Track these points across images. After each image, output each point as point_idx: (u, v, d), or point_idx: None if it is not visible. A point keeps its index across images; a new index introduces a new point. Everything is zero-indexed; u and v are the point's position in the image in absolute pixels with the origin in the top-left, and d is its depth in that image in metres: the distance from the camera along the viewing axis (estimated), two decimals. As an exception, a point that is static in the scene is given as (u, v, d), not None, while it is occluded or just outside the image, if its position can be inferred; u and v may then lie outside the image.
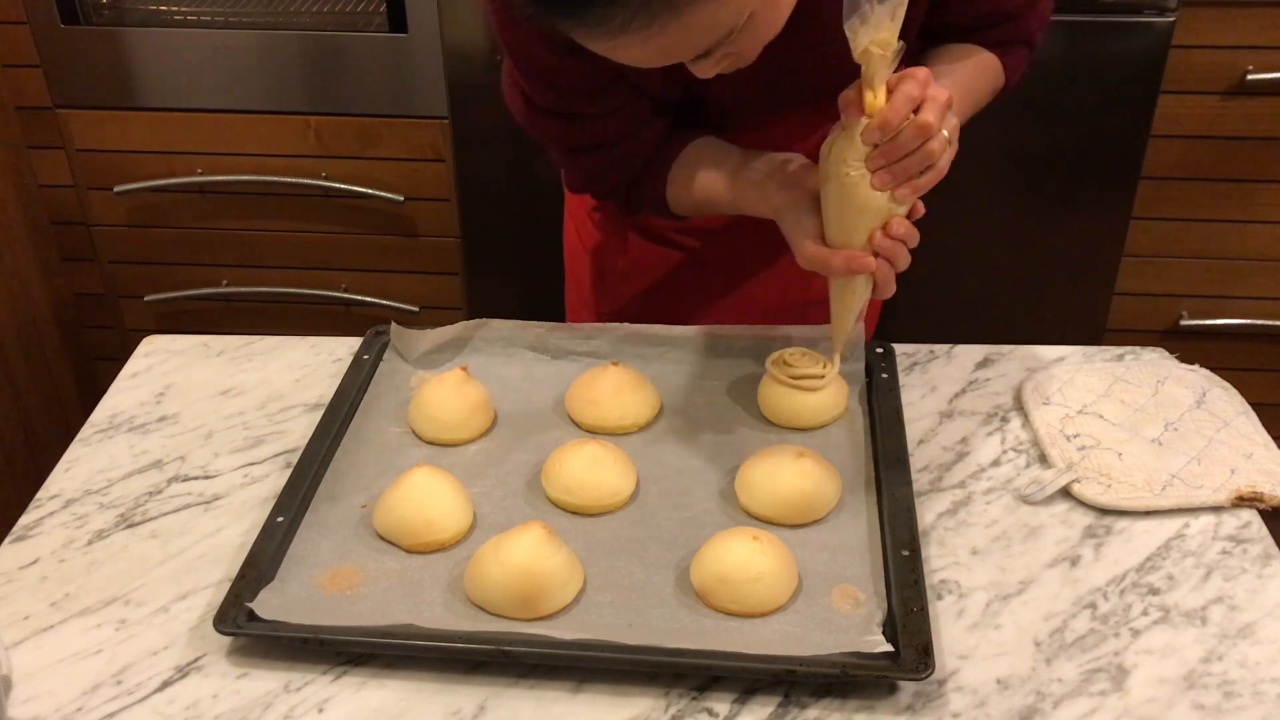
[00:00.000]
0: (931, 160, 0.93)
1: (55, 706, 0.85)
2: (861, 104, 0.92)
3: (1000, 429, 1.10)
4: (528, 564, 0.87)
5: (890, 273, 0.98)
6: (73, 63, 2.04)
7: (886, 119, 0.91)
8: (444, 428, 1.07)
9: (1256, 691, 0.83)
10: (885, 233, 0.96)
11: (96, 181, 2.15)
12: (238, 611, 0.88)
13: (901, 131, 0.91)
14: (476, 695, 0.85)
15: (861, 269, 0.97)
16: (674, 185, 1.14)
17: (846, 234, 0.97)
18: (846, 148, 0.94)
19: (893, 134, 0.91)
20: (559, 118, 1.11)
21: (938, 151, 0.93)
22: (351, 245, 2.17)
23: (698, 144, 1.13)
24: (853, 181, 0.94)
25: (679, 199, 1.14)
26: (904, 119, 0.91)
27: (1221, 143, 1.94)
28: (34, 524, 1.02)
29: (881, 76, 0.91)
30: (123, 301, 2.29)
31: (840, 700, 0.83)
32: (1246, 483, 1.00)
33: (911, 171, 0.93)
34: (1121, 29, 1.81)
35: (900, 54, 0.91)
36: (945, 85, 0.97)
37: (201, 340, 1.25)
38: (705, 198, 1.12)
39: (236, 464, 1.08)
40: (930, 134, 0.92)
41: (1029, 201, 1.99)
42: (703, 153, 1.12)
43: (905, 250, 0.98)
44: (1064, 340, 1.23)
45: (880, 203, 0.95)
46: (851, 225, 0.97)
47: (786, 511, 0.97)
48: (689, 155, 1.13)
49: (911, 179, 0.94)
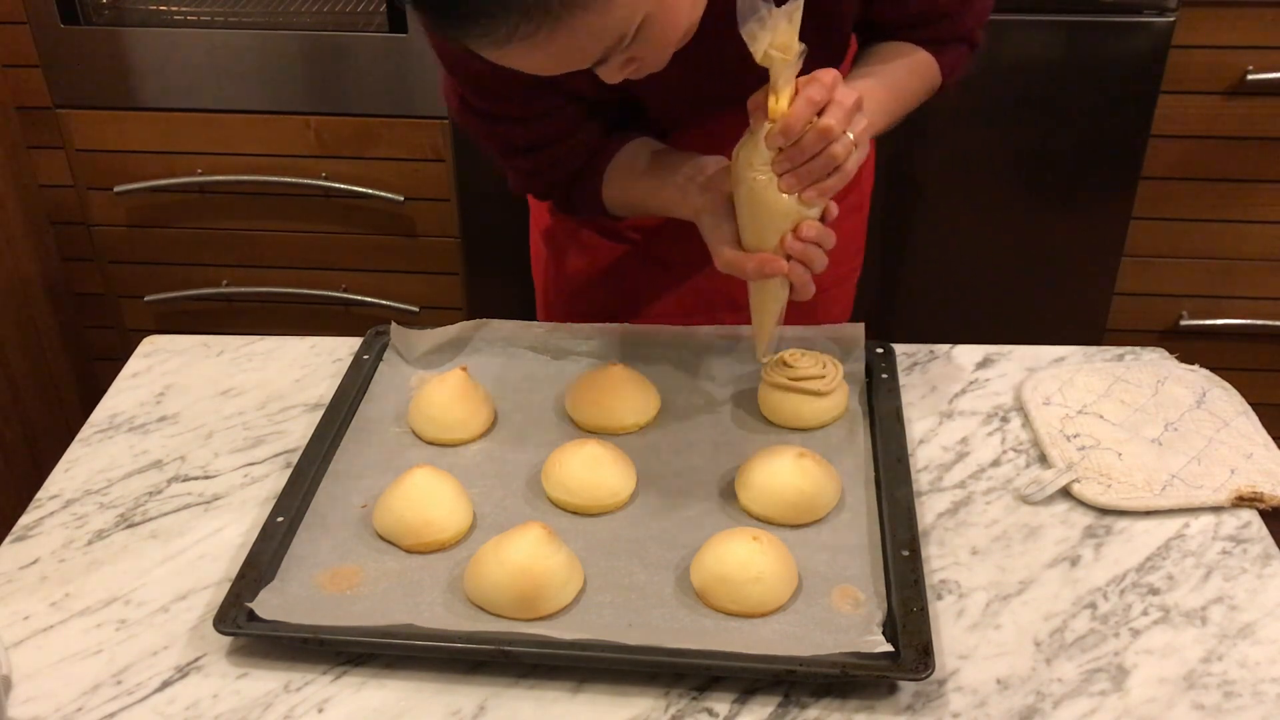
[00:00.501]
0: (836, 163, 0.94)
1: (55, 706, 0.85)
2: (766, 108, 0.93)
3: (1000, 429, 1.10)
4: (528, 564, 0.87)
5: (805, 275, 0.99)
6: (73, 63, 2.04)
7: (788, 124, 0.92)
8: (444, 428, 1.07)
9: (1256, 691, 0.83)
10: (796, 235, 0.97)
11: (96, 181, 2.15)
12: (238, 611, 0.88)
13: (804, 136, 0.92)
14: (476, 695, 0.85)
15: (774, 272, 0.98)
16: (609, 186, 1.15)
17: (759, 238, 0.98)
18: (753, 152, 0.95)
19: (795, 138, 0.92)
20: (493, 120, 1.12)
21: (841, 154, 0.94)
22: (351, 245, 2.17)
23: (632, 145, 1.14)
24: (760, 185, 0.95)
25: (613, 200, 1.16)
26: (806, 123, 0.92)
27: (1221, 143, 1.94)
28: (34, 524, 1.02)
29: (785, 79, 0.92)
30: (123, 301, 2.29)
31: (840, 700, 0.83)
32: (1246, 483, 1.00)
33: (816, 175, 0.94)
34: (1121, 29, 1.81)
35: (802, 56, 0.91)
36: (861, 86, 0.98)
37: (201, 340, 1.25)
38: (635, 200, 1.14)
39: (236, 464, 1.08)
40: (832, 138, 0.92)
41: (1029, 201, 1.99)
42: (635, 155, 1.14)
43: (820, 252, 0.98)
44: (1064, 340, 1.23)
45: (788, 206, 0.96)
46: (762, 229, 0.98)
47: (786, 511, 0.97)
48: (623, 157, 1.14)
49: (817, 182, 0.95)
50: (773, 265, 0.98)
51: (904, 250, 2.05)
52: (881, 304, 2.10)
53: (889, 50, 1.12)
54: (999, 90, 1.89)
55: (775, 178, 0.95)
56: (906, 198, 2.00)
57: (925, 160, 1.97)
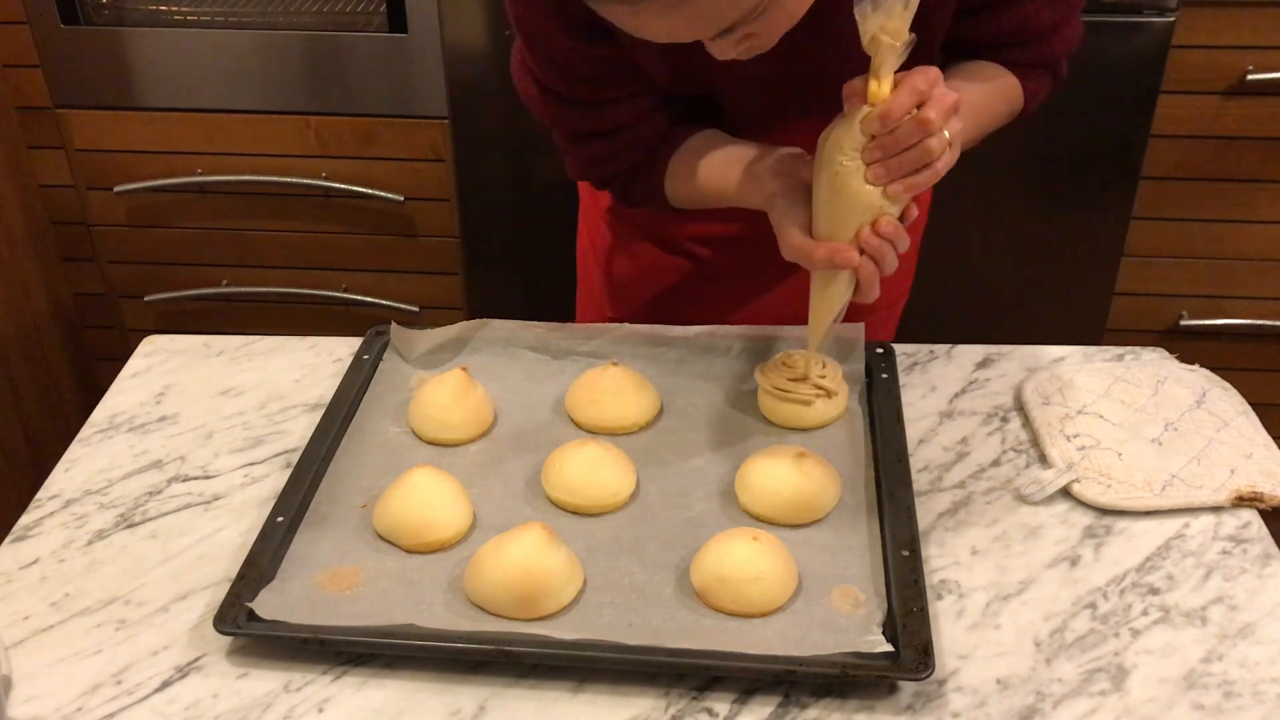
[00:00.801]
0: (929, 159, 0.91)
1: (55, 706, 0.85)
2: (865, 93, 0.90)
3: (1000, 429, 1.10)
4: (528, 564, 0.87)
5: (874, 273, 0.95)
6: (73, 63, 2.04)
7: (889, 109, 0.89)
8: (444, 428, 1.07)
9: (1256, 691, 0.83)
10: (874, 230, 0.94)
11: (96, 181, 2.15)
12: (238, 611, 0.88)
13: (901, 125, 0.89)
14: (476, 695, 0.85)
15: (844, 264, 0.94)
16: (672, 176, 1.13)
17: (834, 227, 0.95)
18: (844, 136, 0.92)
19: (893, 126, 0.89)
20: (566, 102, 1.10)
21: (936, 150, 0.90)
22: (351, 245, 2.17)
23: (701, 135, 1.13)
24: (846, 171, 0.92)
25: (676, 191, 1.14)
26: (906, 112, 0.89)
27: (1221, 143, 1.94)
28: (34, 524, 1.02)
29: (889, 67, 0.89)
30: (123, 301, 2.29)
31: (840, 700, 0.83)
32: (1246, 483, 1.00)
33: (907, 167, 0.91)
34: (1121, 29, 1.81)
35: (910, 46, 0.88)
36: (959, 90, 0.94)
37: (201, 340, 1.25)
38: (703, 188, 1.11)
39: (236, 464, 1.08)
40: (931, 131, 0.89)
41: (1029, 201, 1.99)
42: (704, 143, 1.11)
43: (893, 252, 0.95)
44: (1064, 340, 1.23)
45: (871, 197, 0.92)
46: (840, 218, 0.94)
47: (786, 511, 0.96)
48: (690, 146, 1.12)
49: (906, 176, 0.92)
50: (844, 256, 0.94)
51: (904, 250, 2.05)
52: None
53: (977, 69, 1.10)
54: (999, 90, 1.89)
55: (862, 165, 0.91)
56: (906, 198, 2.00)
57: (925, 160, 1.97)
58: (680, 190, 1.14)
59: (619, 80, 1.08)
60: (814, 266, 0.97)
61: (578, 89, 1.09)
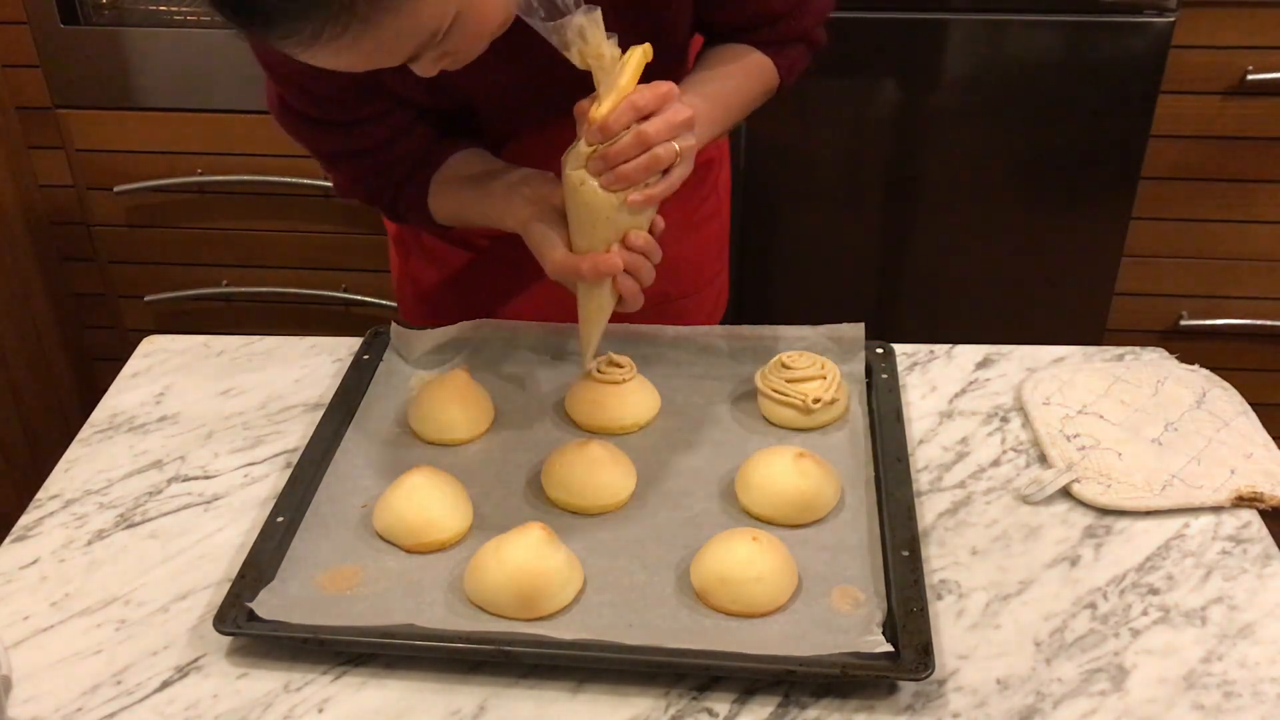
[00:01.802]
0: (656, 167, 0.94)
1: (55, 706, 0.85)
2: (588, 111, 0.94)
3: (1000, 429, 1.10)
4: (527, 564, 0.87)
5: (634, 285, 1.00)
6: (73, 63, 2.04)
7: (605, 123, 0.92)
8: (444, 428, 1.07)
9: (1256, 691, 0.83)
10: (625, 244, 0.98)
11: (96, 181, 2.15)
12: (238, 611, 0.88)
13: (621, 138, 0.92)
14: (476, 695, 0.85)
15: (609, 270, 0.98)
16: (434, 197, 1.14)
17: (587, 240, 0.99)
18: (576, 152, 0.96)
19: (612, 138, 0.92)
20: (315, 123, 1.10)
21: (664, 159, 0.94)
22: (351, 245, 2.17)
23: (460, 156, 1.13)
24: (583, 185, 0.96)
25: (439, 211, 1.15)
26: (624, 126, 0.92)
27: (1221, 143, 1.94)
28: (34, 524, 1.02)
29: (607, 86, 0.93)
30: (123, 301, 2.29)
31: (840, 700, 0.83)
32: (1246, 483, 1.00)
33: (635, 176, 0.94)
34: (1121, 29, 1.81)
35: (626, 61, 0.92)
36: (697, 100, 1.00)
37: (201, 340, 1.25)
38: (460, 211, 1.13)
39: (236, 464, 1.08)
40: (649, 144, 0.93)
41: (1029, 201, 1.99)
42: (461, 165, 1.13)
43: (648, 265, 0.99)
44: (1064, 340, 1.23)
45: (609, 208, 0.96)
46: (589, 231, 0.98)
47: (786, 512, 0.97)
48: (449, 167, 1.13)
49: (638, 185, 0.95)
50: (607, 263, 0.97)
51: (904, 250, 2.05)
52: (881, 304, 2.10)
53: (726, 53, 1.12)
54: (999, 90, 1.89)
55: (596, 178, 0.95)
56: (906, 198, 2.00)
57: (925, 160, 1.97)
58: (443, 211, 1.15)
59: (368, 99, 1.07)
60: (582, 278, 1.00)
61: (325, 110, 1.08)
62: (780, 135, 1.94)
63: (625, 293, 1.00)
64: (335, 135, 1.11)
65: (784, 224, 2.02)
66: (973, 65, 1.88)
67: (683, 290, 1.30)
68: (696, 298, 1.33)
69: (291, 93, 1.08)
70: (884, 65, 1.89)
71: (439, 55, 0.87)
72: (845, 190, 2.01)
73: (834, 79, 1.89)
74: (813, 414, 1.07)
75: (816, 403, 1.06)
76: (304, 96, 1.08)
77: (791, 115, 1.90)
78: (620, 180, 0.94)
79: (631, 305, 1.02)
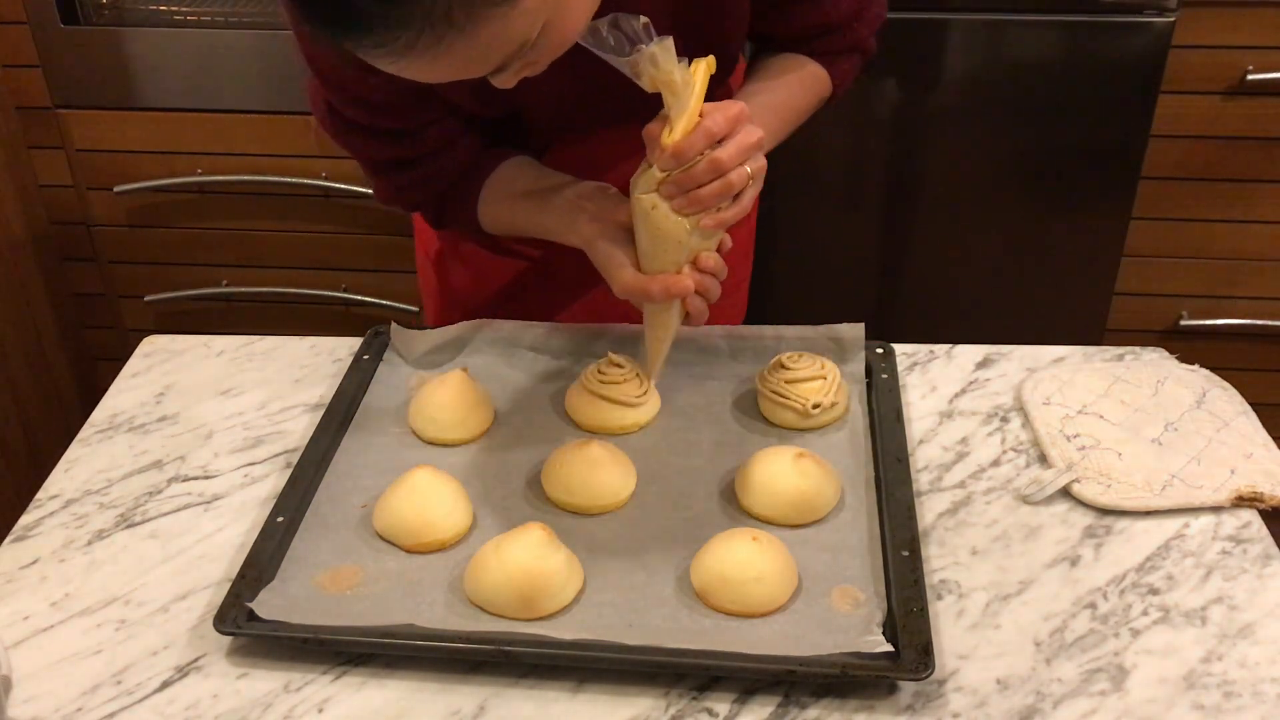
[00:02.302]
0: (729, 192, 0.94)
1: (55, 706, 0.85)
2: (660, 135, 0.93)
3: (1000, 429, 1.10)
4: (528, 564, 0.87)
5: (702, 305, 1.01)
6: (73, 63, 2.04)
7: (679, 148, 0.92)
8: (444, 428, 1.07)
9: (1256, 691, 0.83)
10: (695, 266, 0.98)
11: (96, 181, 2.15)
12: (238, 611, 0.88)
13: (696, 164, 0.92)
14: (476, 695, 0.85)
15: (681, 292, 0.98)
16: (484, 205, 1.13)
17: (657, 261, 0.99)
18: (645, 176, 0.96)
19: (685, 164, 0.92)
20: (363, 131, 1.09)
21: (737, 184, 0.94)
22: (351, 245, 2.17)
23: (510, 164, 1.13)
24: (653, 208, 0.95)
25: (490, 219, 1.14)
26: (698, 151, 0.92)
27: (1221, 143, 1.94)
28: (34, 524, 1.02)
29: (679, 109, 0.92)
30: (123, 301, 2.29)
31: (840, 700, 0.83)
32: (1246, 483, 1.00)
33: (708, 201, 0.94)
34: (1121, 29, 1.81)
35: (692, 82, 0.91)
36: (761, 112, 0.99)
37: (201, 340, 1.25)
38: (517, 224, 1.12)
39: (236, 464, 1.08)
40: (723, 170, 0.92)
41: (1029, 201, 1.99)
42: (514, 175, 1.12)
43: (716, 284, 1.00)
44: (1064, 340, 1.23)
45: (681, 232, 0.96)
46: (659, 253, 0.98)
47: (786, 512, 0.96)
48: (500, 176, 1.12)
49: (710, 210, 0.95)
50: (679, 285, 0.98)
51: (904, 250, 2.05)
52: (881, 304, 2.10)
53: (782, 64, 1.12)
54: (999, 90, 1.89)
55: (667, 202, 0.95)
56: (906, 198, 2.00)
57: (925, 160, 1.97)
58: (495, 221, 1.14)
59: (418, 107, 1.06)
60: (652, 300, 1.00)
61: (375, 118, 1.07)
62: (780, 135, 1.94)
63: (693, 312, 1.01)
64: (384, 143, 1.10)
65: (784, 224, 2.02)
66: (973, 65, 1.88)
67: None
68: (733, 298, 1.33)
69: (342, 99, 1.07)
70: (884, 65, 1.88)
71: (522, 65, 0.86)
72: (845, 190, 2.01)
73: (834, 79, 1.89)
74: (812, 417, 1.07)
75: (816, 408, 1.06)
76: (354, 105, 1.06)
77: (791, 115, 1.90)
78: (694, 205, 0.94)
79: (697, 321, 1.03)
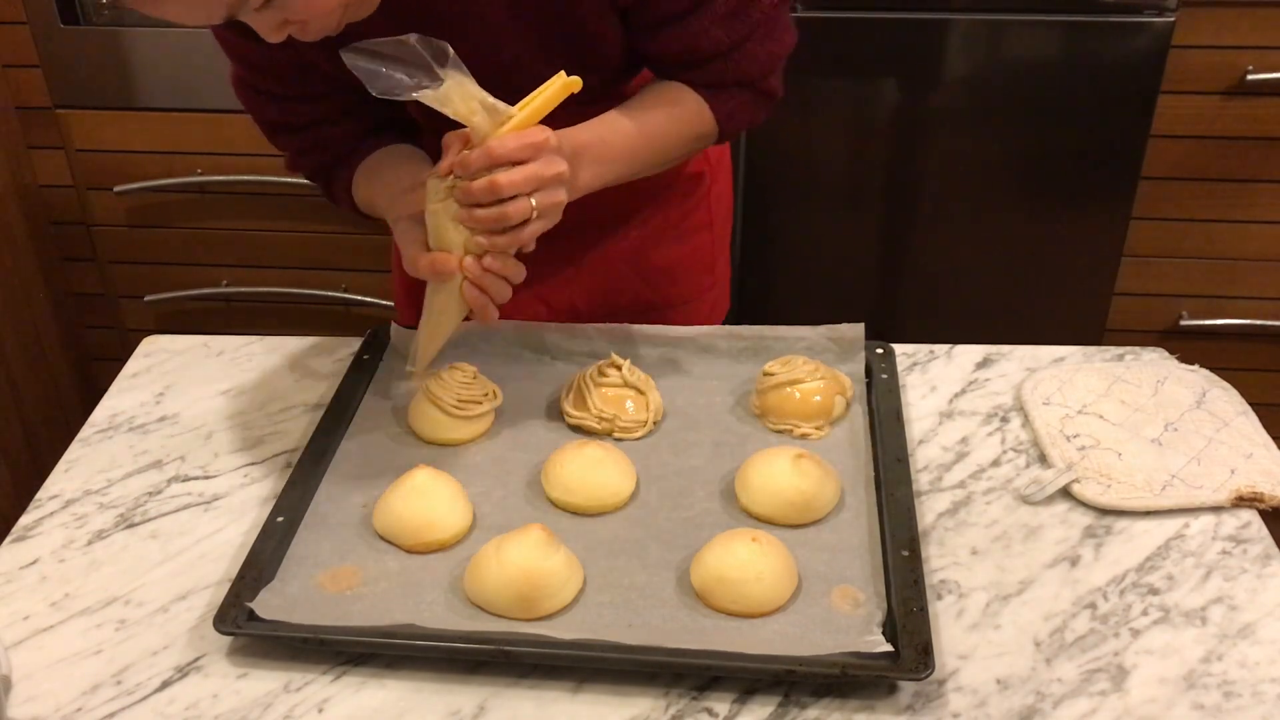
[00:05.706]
0: (504, 221, 0.94)
1: (55, 706, 0.85)
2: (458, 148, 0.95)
3: (1000, 429, 1.10)
4: (528, 564, 0.87)
5: (481, 299, 0.99)
6: (73, 63, 2.04)
7: (459, 161, 0.93)
8: (444, 428, 1.07)
9: (1256, 691, 0.83)
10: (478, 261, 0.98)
11: (96, 181, 2.15)
12: (238, 611, 0.88)
13: (475, 182, 0.93)
14: (476, 695, 0.85)
15: (443, 270, 0.98)
16: (356, 183, 1.17)
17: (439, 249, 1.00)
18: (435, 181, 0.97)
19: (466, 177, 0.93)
20: (253, 91, 1.15)
21: (514, 216, 0.94)
22: (351, 245, 2.17)
23: (387, 150, 1.16)
24: (437, 212, 0.97)
25: (359, 197, 1.17)
26: (478, 170, 0.93)
27: (1221, 143, 1.94)
28: (34, 524, 1.02)
29: (479, 134, 0.93)
30: (123, 301, 2.29)
31: (840, 700, 0.83)
32: (1246, 483, 1.00)
33: (483, 221, 0.95)
34: (1121, 29, 1.81)
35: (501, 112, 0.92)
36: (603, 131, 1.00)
37: (201, 340, 1.25)
38: (371, 201, 1.15)
39: (236, 464, 1.08)
40: (498, 195, 0.93)
41: (1029, 201, 1.99)
42: (384, 160, 1.15)
43: (501, 284, 0.99)
44: (1064, 340, 1.23)
45: (456, 230, 0.97)
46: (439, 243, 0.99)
47: (786, 512, 0.97)
48: (375, 159, 1.16)
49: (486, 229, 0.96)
50: (443, 263, 0.98)
51: (904, 250, 2.05)
52: (881, 304, 2.10)
53: (657, 92, 1.10)
54: (999, 90, 1.89)
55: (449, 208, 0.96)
56: (906, 198, 2.00)
57: (925, 160, 1.97)
58: (361, 198, 1.17)
59: (305, 79, 1.10)
60: (417, 273, 1.01)
61: (262, 80, 1.13)
62: (780, 135, 1.94)
63: (472, 305, 1.00)
64: (273, 106, 1.16)
65: (784, 224, 2.02)
66: (973, 65, 1.88)
67: (669, 300, 1.30)
68: (685, 309, 1.32)
69: (234, 60, 1.13)
70: (884, 65, 1.89)
71: (280, 22, 0.88)
72: (845, 190, 2.01)
73: (834, 79, 1.89)
74: (811, 419, 1.07)
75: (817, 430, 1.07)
76: (242, 62, 1.12)
77: (791, 115, 1.90)
78: (471, 220, 0.96)
79: (482, 317, 1.01)
